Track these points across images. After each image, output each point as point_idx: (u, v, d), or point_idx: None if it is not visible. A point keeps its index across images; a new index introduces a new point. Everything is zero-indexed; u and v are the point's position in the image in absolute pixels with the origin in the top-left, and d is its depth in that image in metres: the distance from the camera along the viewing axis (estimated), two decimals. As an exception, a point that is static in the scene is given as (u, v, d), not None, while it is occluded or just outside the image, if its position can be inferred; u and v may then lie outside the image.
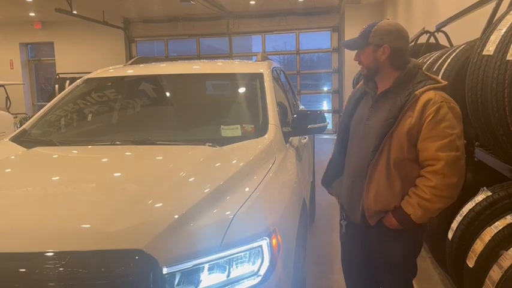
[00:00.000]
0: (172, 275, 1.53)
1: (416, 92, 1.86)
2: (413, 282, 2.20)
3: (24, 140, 2.69)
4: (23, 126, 2.90)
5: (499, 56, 1.81)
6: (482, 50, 2.06)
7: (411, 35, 3.76)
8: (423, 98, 1.85)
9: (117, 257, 1.50)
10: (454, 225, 2.65)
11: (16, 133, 2.83)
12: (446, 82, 1.94)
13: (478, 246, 2.37)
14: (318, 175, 5.26)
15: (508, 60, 1.73)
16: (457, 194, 1.92)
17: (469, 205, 2.59)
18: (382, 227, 1.99)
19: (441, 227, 2.82)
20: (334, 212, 5.08)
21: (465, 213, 2.58)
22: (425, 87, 1.87)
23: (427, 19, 6.41)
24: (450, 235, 2.67)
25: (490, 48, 1.99)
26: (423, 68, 2.06)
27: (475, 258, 2.35)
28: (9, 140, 2.72)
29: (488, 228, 2.37)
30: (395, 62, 1.95)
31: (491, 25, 2.21)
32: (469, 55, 2.46)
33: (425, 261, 3.60)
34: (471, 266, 2.37)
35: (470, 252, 2.42)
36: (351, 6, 11.20)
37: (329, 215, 4.99)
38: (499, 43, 1.92)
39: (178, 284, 1.54)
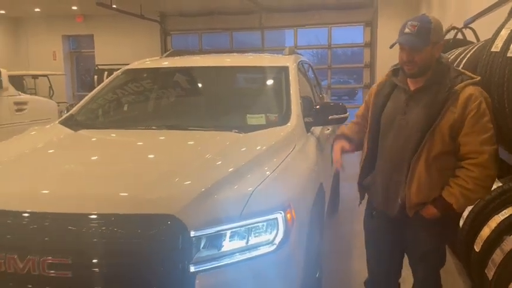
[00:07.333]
0: (198, 238, 1.77)
1: (457, 88, 1.89)
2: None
3: (71, 123, 3.01)
4: (70, 112, 3.23)
5: (501, 53, 1.93)
6: (491, 47, 2.17)
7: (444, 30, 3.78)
8: (464, 93, 1.88)
9: (152, 220, 1.75)
10: (465, 213, 2.78)
11: (64, 117, 3.17)
12: (479, 77, 1.96)
13: (485, 232, 2.51)
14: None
15: (509, 57, 1.86)
16: (493, 185, 2.02)
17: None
18: (418, 218, 2.04)
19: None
20: (357, 205, 5.19)
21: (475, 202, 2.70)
22: (464, 83, 1.91)
23: (461, 14, 6.36)
24: (461, 223, 2.80)
25: (498, 45, 2.10)
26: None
27: (481, 244, 2.49)
28: (59, 123, 3.06)
29: (496, 216, 2.50)
30: (438, 57, 1.99)
31: (503, 22, 2.31)
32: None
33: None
34: (477, 251, 2.51)
35: (478, 238, 2.56)
36: (384, 1, 11.12)
37: (352, 208, 5.12)
38: (506, 40, 2.03)
39: (203, 247, 1.78)
